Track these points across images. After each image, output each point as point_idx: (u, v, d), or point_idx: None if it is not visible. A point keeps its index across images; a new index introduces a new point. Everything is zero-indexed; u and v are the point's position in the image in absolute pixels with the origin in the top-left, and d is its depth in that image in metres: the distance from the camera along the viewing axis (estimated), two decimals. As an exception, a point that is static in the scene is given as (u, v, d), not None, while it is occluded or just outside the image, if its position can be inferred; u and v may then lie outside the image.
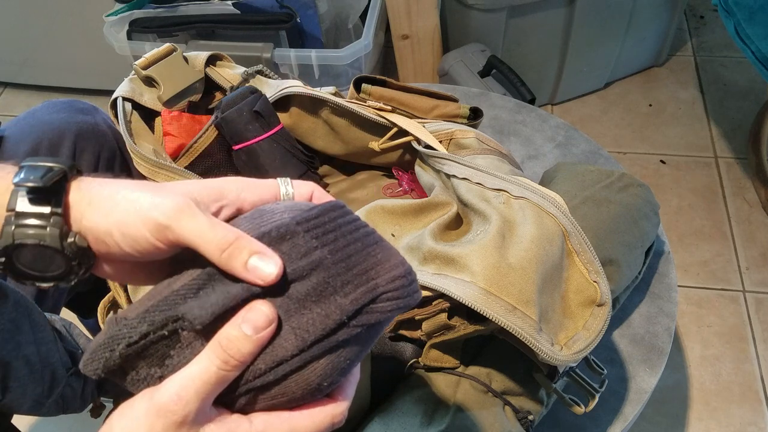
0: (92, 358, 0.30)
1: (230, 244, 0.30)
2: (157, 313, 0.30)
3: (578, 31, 1.40)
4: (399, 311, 0.31)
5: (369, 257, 0.31)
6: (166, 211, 0.30)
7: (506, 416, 0.56)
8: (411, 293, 0.32)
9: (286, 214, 0.32)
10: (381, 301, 0.31)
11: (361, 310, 0.30)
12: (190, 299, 0.30)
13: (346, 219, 0.32)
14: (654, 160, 1.47)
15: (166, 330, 0.30)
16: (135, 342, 0.30)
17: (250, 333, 0.29)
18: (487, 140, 0.67)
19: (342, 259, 0.31)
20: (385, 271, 0.31)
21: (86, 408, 0.69)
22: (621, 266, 0.63)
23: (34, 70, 1.71)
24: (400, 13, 1.39)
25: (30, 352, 0.59)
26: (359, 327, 0.31)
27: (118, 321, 0.30)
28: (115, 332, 0.30)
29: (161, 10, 1.32)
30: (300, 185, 0.36)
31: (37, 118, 0.67)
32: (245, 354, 0.29)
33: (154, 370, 0.30)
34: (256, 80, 0.75)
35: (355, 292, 0.30)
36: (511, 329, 0.48)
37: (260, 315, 0.29)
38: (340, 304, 0.30)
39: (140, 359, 0.30)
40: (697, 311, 1.21)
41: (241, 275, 0.30)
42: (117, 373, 0.31)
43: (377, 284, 0.31)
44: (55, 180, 0.31)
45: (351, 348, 0.31)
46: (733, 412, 1.08)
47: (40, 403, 0.63)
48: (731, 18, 1.11)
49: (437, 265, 0.54)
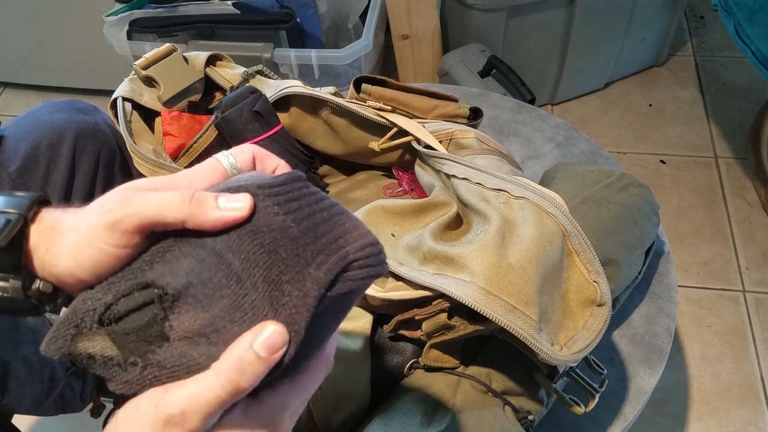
0: (55, 336, 0.29)
1: (192, 195, 0.29)
2: (122, 282, 0.29)
3: (578, 31, 1.40)
4: (370, 279, 0.30)
5: (336, 226, 0.30)
6: (112, 208, 0.29)
7: (506, 416, 0.56)
8: (381, 262, 0.31)
9: (250, 181, 0.31)
10: (352, 269, 0.30)
11: (336, 279, 0.29)
12: (157, 264, 0.29)
13: (310, 190, 0.31)
14: (654, 160, 1.47)
15: (135, 310, 0.28)
16: (101, 317, 0.28)
17: (265, 355, 0.28)
18: (487, 140, 0.67)
19: (309, 228, 0.30)
20: (354, 240, 0.30)
21: (86, 408, 0.69)
22: (621, 266, 0.63)
23: (34, 70, 1.71)
24: (400, 13, 1.39)
25: (29, 352, 0.59)
26: (335, 296, 0.29)
27: (83, 294, 0.29)
28: (78, 305, 0.28)
29: (161, 10, 1.32)
30: (238, 152, 0.34)
31: (37, 117, 0.67)
32: (257, 376, 0.28)
33: (133, 359, 0.29)
34: (256, 80, 0.75)
35: (327, 261, 0.29)
36: (511, 329, 0.48)
37: (275, 335, 0.28)
38: (316, 277, 0.29)
39: (113, 344, 0.29)
40: (697, 311, 1.21)
41: (215, 215, 0.28)
42: (83, 357, 0.29)
43: (348, 252, 0.30)
44: (12, 236, 0.30)
45: (329, 318, 0.31)
46: (733, 412, 1.08)
47: (40, 403, 0.63)
48: (731, 18, 1.11)
49: (437, 265, 0.54)
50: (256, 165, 0.35)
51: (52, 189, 0.65)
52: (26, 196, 0.32)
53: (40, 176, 0.64)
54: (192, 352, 0.29)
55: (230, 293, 0.29)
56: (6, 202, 0.32)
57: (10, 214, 0.31)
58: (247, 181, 0.31)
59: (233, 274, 0.29)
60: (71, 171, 0.66)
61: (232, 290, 0.29)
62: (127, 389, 0.29)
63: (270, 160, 0.35)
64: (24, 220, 0.31)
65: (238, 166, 0.34)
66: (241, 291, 0.29)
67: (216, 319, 0.29)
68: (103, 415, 0.69)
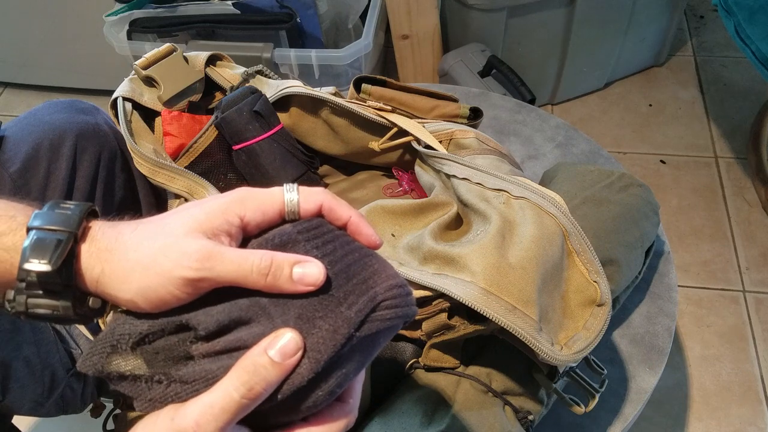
0: (92, 353, 0.30)
1: (269, 267, 0.30)
2: (160, 315, 0.30)
3: (578, 31, 1.40)
4: (398, 320, 0.31)
5: (366, 267, 0.32)
6: (193, 265, 0.29)
7: (506, 416, 0.56)
8: (409, 303, 0.32)
9: (285, 222, 0.33)
10: (381, 309, 0.31)
11: (365, 319, 0.30)
12: (194, 302, 0.30)
13: (341, 230, 0.33)
14: (654, 160, 1.47)
15: (168, 334, 0.29)
16: (136, 341, 0.29)
17: (278, 359, 0.28)
18: (487, 140, 0.67)
19: (342, 270, 0.31)
20: (383, 280, 0.31)
21: (86, 408, 0.69)
22: (621, 266, 0.63)
23: (34, 70, 1.71)
24: (400, 13, 1.39)
25: (30, 353, 0.59)
26: (363, 337, 0.30)
27: (120, 318, 0.30)
28: (117, 328, 0.30)
29: (161, 10, 1.32)
30: (306, 197, 0.33)
31: (38, 118, 0.67)
32: (270, 382, 0.28)
33: (158, 377, 0.30)
34: (256, 80, 0.75)
35: (358, 302, 0.30)
36: (511, 329, 0.48)
37: (289, 341, 0.29)
38: (346, 317, 0.30)
39: (143, 362, 0.30)
40: (697, 311, 1.21)
41: (291, 289, 0.30)
42: (114, 375, 0.30)
43: (377, 292, 0.31)
44: (64, 257, 0.30)
45: (356, 359, 0.31)
46: (732, 412, 1.08)
47: (40, 404, 0.63)
48: (731, 18, 1.11)
49: (437, 265, 0.54)
50: (325, 213, 0.33)
51: (53, 189, 0.65)
52: (74, 210, 0.32)
53: (41, 176, 0.64)
54: (212, 366, 0.29)
55: (259, 325, 0.30)
56: (54, 218, 0.31)
57: (60, 233, 0.31)
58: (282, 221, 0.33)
59: (265, 314, 0.30)
60: (72, 171, 0.66)
61: (261, 324, 0.30)
62: (151, 407, 0.30)
63: (341, 211, 0.33)
64: (74, 238, 0.31)
65: (297, 210, 0.33)
66: (270, 324, 0.30)
67: (239, 341, 0.30)
68: (103, 415, 0.69)
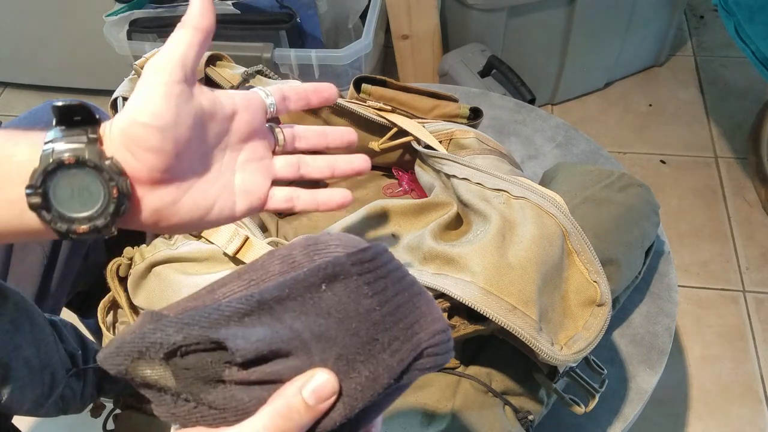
0: (117, 353, 0.28)
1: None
2: (196, 327, 0.28)
3: (578, 31, 1.40)
4: (436, 368, 0.30)
5: (414, 310, 0.30)
6: None
7: (506, 416, 0.56)
8: (448, 350, 0.30)
9: (339, 248, 0.30)
10: (423, 357, 0.29)
11: (407, 369, 0.29)
12: (234, 323, 0.28)
13: (394, 264, 0.31)
14: (654, 160, 1.47)
15: (202, 351, 0.28)
16: (167, 353, 0.27)
17: (312, 403, 0.27)
18: (487, 140, 0.67)
19: (390, 312, 0.29)
20: (428, 324, 0.30)
21: (86, 408, 0.69)
22: (621, 266, 0.63)
23: (34, 70, 1.71)
24: (400, 13, 1.39)
25: (30, 353, 0.59)
26: (400, 386, 0.29)
27: (155, 319, 0.28)
28: (147, 333, 0.28)
29: (161, 10, 1.32)
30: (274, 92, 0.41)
31: (38, 118, 0.67)
32: (302, 426, 0.27)
33: (186, 396, 0.28)
34: (256, 80, 0.75)
35: (401, 349, 0.29)
36: (511, 329, 0.48)
37: (325, 383, 0.27)
38: (388, 365, 0.28)
39: (171, 375, 0.28)
40: (697, 311, 1.21)
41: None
42: (138, 380, 0.29)
43: (421, 339, 0.29)
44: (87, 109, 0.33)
45: (388, 402, 0.30)
46: (732, 412, 1.08)
47: (40, 404, 0.63)
48: (731, 18, 1.11)
49: (437, 264, 0.54)
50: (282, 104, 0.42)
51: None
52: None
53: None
54: (243, 395, 0.28)
55: (296, 360, 0.28)
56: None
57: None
58: (336, 246, 0.30)
59: (305, 348, 0.28)
60: None
61: (299, 358, 0.28)
62: (173, 420, 0.29)
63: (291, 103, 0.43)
64: None
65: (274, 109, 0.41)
66: (308, 361, 0.28)
67: (275, 375, 0.28)
68: (103, 415, 0.69)
